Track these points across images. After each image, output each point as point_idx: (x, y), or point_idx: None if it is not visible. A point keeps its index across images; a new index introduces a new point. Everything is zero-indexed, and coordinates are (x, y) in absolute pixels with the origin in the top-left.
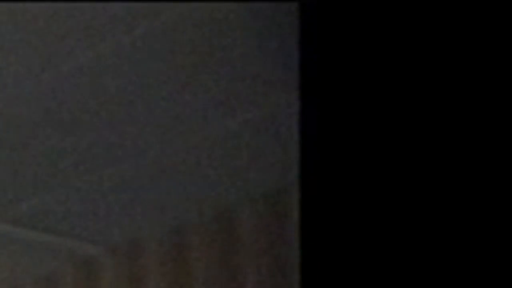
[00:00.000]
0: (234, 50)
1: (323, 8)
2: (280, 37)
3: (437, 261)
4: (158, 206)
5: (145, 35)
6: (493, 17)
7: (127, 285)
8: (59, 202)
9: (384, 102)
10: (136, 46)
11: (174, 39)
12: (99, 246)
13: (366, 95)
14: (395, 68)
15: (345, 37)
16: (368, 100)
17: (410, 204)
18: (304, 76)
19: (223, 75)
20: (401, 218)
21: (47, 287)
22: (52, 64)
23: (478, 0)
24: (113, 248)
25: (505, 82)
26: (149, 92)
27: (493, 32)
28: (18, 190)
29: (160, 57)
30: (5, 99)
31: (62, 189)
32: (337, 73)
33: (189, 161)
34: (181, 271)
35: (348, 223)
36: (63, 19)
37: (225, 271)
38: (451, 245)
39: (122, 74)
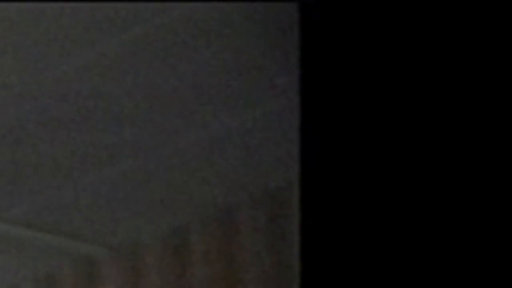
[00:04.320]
0: (234, 50)
1: (323, 8)
2: (280, 37)
3: (437, 260)
4: (158, 206)
5: (144, 35)
6: (493, 17)
7: (128, 285)
8: (59, 202)
9: (384, 102)
10: (135, 46)
11: (174, 39)
12: (100, 246)
13: (366, 95)
14: (396, 68)
15: (345, 37)
16: (368, 99)
17: (410, 204)
18: (304, 76)
19: (223, 75)
20: (401, 217)
21: (47, 287)
22: (52, 64)
23: (478, 0)
24: (114, 248)
25: (505, 82)
26: (148, 92)
27: (493, 32)
28: (18, 190)
29: (160, 57)
30: (5, 99)
31: (62, 189)
32: (337, 73)
33: (189, 161)
34: (181, 271)
35: (348, 222)
36: (62, 20)
37: (225, 271)
38: (451, 244)
39: (122, 74)
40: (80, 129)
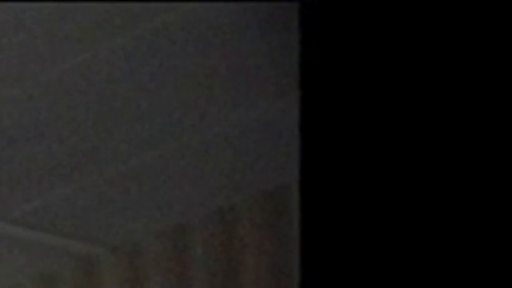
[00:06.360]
0: (234, 50)
1: (323, 8)
2: (280, 37)
3: (437, 261)
4: (158, 206)
5: (144, 35)
6: (493, 17)
7: (128, 285)
8: (59, 202)
9: (384, 102)
10: (135, 46)
11: (174, 39)
12: (100, 246)
13: (366, 95)
14: (396, 67)
15: (345, 37)
16: (368, 99)
17: (410, 203)
18: (304, 76)
19: (223, 75)
20: (401, 217)
21: (47, 287)
22: (52, 64)
23: (478, 0)
24: (114, 248)
25: (505, 82)
26: (149, 92)
27: (493, 32)
28: (18, 190)
29: (160, 57)
30: (5, 99)
31: (62, 189)
32: (337, 73)
33: (190, 161)
34: (181, 271)
35: (348, 222)
36: (61, 20)
37: (225, 271)
38: (451, 244)
39: (122, 73)
40: (80, 129)
